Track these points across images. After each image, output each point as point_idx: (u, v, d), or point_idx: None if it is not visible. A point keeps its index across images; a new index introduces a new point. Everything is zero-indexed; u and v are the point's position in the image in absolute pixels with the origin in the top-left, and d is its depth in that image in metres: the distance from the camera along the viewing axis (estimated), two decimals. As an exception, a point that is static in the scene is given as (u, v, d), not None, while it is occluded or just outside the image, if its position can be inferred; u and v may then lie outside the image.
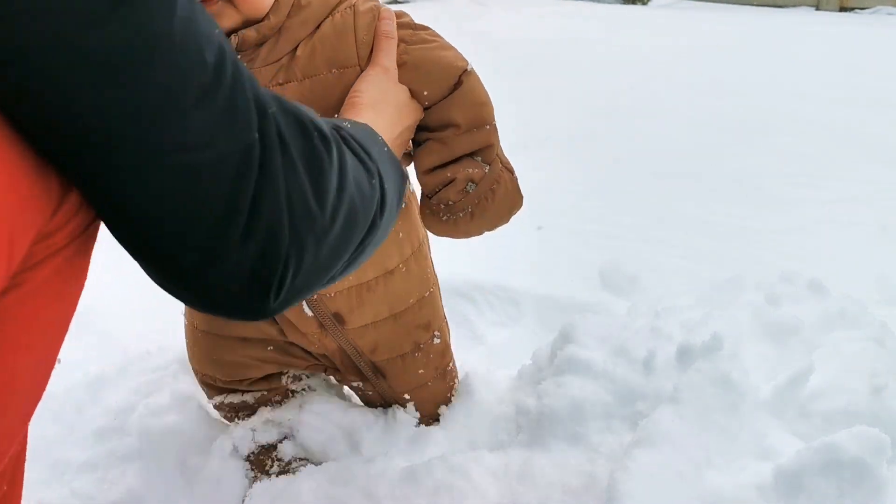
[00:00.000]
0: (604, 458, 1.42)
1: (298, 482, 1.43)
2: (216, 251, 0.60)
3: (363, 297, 1.38)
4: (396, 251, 1.38)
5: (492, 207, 1.25)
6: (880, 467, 1.27)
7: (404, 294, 1.43)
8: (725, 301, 1.82)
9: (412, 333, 1.48)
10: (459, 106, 1.19)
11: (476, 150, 1.22)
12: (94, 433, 1.59)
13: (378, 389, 1.54)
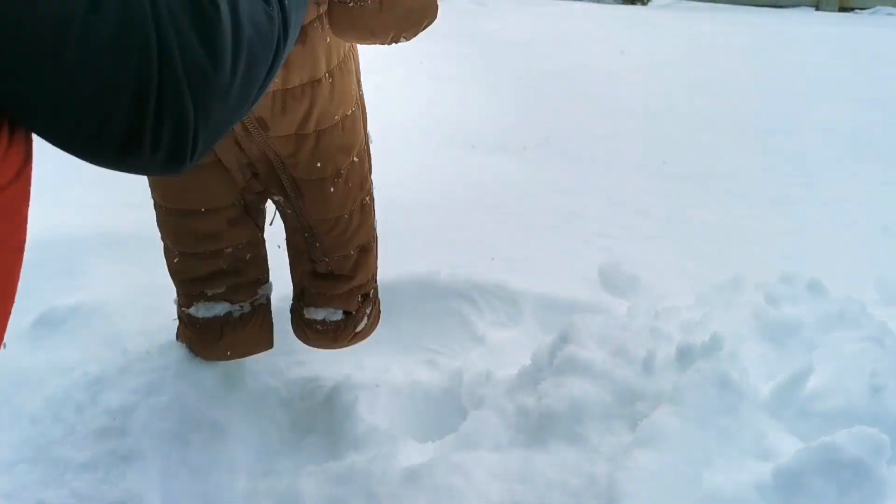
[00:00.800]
0: (604, 458, 1.42)
1: (300, 482, 1.43)
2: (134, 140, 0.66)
3: (287, 104, 1.36)
4: (324, 60, 1.36)
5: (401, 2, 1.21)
6: (879, 467, 1.28)
7: (328, 108, 1.41)
8: (725, 301, 1.82)
9: (334, 157, 1.46)
10: None
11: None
12: (95, 433, 1.59)
13: (297, 210, 1.51)
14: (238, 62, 0.74)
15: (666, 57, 5.51)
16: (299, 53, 1.30)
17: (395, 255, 2.40)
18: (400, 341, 2.07)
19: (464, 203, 2.90)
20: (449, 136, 3.76)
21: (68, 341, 1.83)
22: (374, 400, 1.78)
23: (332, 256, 1.55)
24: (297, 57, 1.30)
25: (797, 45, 5.88)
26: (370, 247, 1.63)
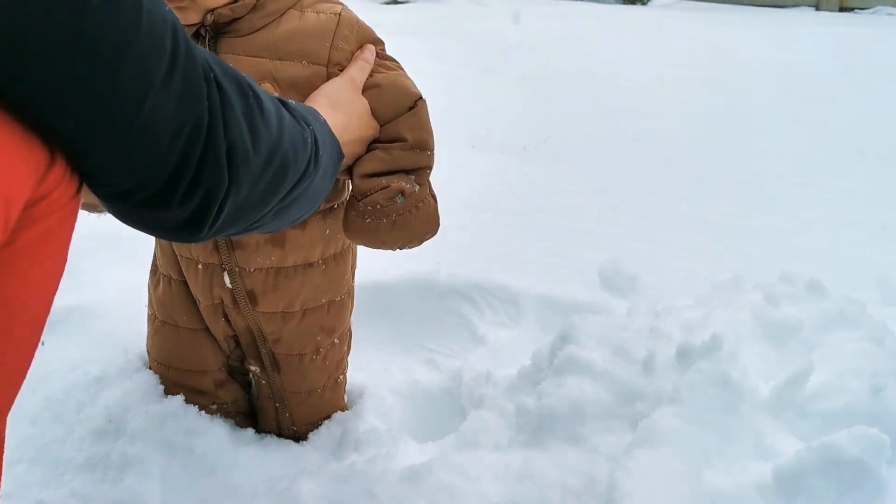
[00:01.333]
0: (604, 458, 1.42)
1: (300, 482, 1.43)
2: (167, 198, 0.73)
3: (279, 282, 1.46)
4: (320, 247, 1.47)
5: (413, 222, 1.34)
6: (880, 467, 1.28)
7: (318, 292, 1.51)
8: (725, 301, 1.82)
9: (315, 335, 1.54)
10: (410, 126, 1.32)
11: (413, 168, 1.33)
12: (94, 433, 1.59)
13: (271, 382, 1.58)
14: (273, 156, 0.84)
15: (666, 57, 5.51)
16: (297, 236, 1.42)
17: (395, 256, 2.40)
18: (400, 341, 2.07)
19: (464, 203, 2.90)
20: (449, 136, 3.76)
21: (68, 341, 1.83)
22: (374, 400, 1.78)
23: (301, 426, 1.63)
24: (295, 239, 1.42)
25: (797, 45, 5.88)
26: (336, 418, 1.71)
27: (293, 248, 1.43)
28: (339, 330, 1.59)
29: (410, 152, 1.32)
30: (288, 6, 1.31)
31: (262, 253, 1.42)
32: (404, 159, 1.32)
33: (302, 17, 1.31)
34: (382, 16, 6.98)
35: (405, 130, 1.31)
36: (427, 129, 1.35)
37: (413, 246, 1.40)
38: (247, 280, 1.44)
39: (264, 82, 1.27)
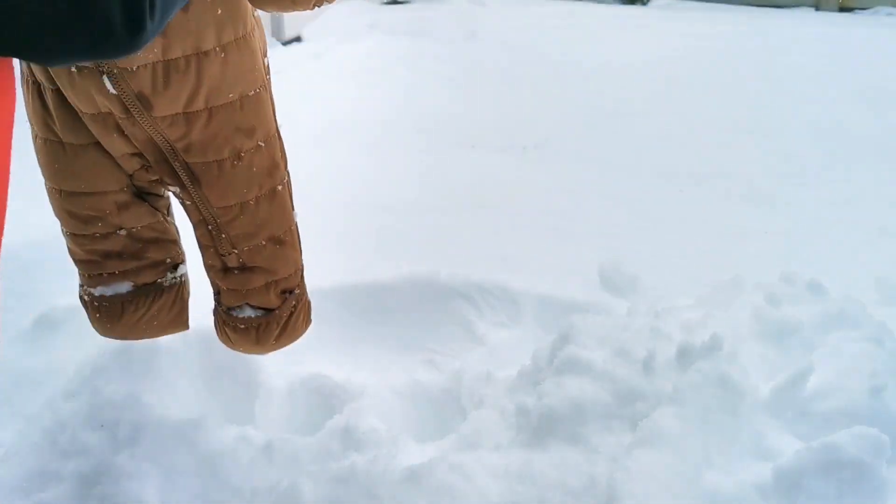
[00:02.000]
0: (604, 459, 1.42)
1: (300, 482, 1.43)
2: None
3: (170, 77, 1.24)
4: (213, 32, 1.25)
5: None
6: (879, 467, 1.28)
7: (222, 85, 1.29)
8: (725, 301, 1.82)
9: (231, 137, 1.33)
10: None
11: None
12: (94, 433, 1.59)
13: (195, 200, 1.39)
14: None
15: (666, 57, 5.51)
16: (181, 21, 1.20)
17: (395, 255, 2.40)
18: (400, 341, 2.08)
19: (464, 203, 2.90)
20: (449, 136, 3.76)
21: (68, 341, 1.83)
22: (374, 400, 1.78)
23: (241, 248, 1.43)
24: (179, 25, 1.20)
25: (797, 45, 5.88)
26: (287, 239, 1.48)
27: (179, 36, 1.21)
28: (259, 130, 1.37)
29: None
30: None
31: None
32: None
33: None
34: (382, 16, 6.98)
35: None
36: None
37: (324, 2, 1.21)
38: (132, 81, 1.21)
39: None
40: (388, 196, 2.95)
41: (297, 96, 4.68)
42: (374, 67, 4.97)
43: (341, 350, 2.03)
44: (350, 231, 2.61)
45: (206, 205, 1.38)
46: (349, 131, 3.76)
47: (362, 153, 3.47)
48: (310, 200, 2.93)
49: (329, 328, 2.10)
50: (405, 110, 4.17)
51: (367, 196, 2.94)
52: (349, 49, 5.63)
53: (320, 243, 2.50)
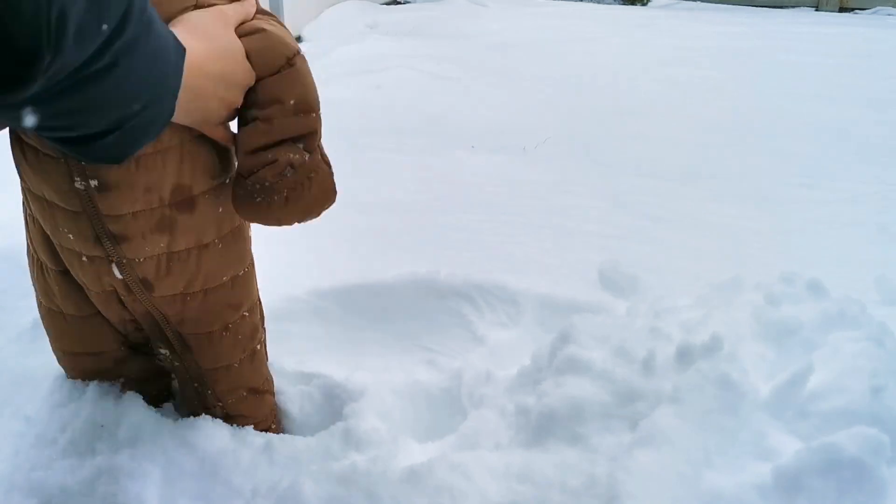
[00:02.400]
0: (604, 458, 1.42)
1: (300, 482, 1.43)
2: None
3: (172, 266, 1.34)
4: (214, 226, 1.35)
5: (307, 195, 1.25)
6: (879, 468, 1.28)
7: (218, 271, 1.40)
8: (725, 301, 1.82)
9: (221, 314, 1.45)
10: (289, 84, 1.21)
11: (299, 135, 1.23)
12: (94, 433, 1.58)
13: (184, 363, 1.50)
14: None
15: (666, 57, 5.51)
16: (187, 220, 1.31)
17: (395, 255, 2.40)
18: (400, 341, 2.08)
19: (464, 203, 2.90)
20: (449, 136, 3.76)
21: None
22: (375, 400, 1.78)
23: (226, 400, 1.57)
24: (185, 223, 1.31)
25: (797, 45, 5.88)
26: (263, 391, 1.65)
27: (183, 231, 1.31)
28: (246, 303, 1.49)
29: (294, 117, 1.22)
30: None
31: (150, 242, 1.30)
32: (288, 126, 1.22)
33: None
34: (382, 16, 6.98)
35: (284, 90, 1.21)
36: (309, 88, 1.24)
37: (311, 219, 1.31)
38: (137, 269, 1.33)
39: None
40: (388, 196, 2.95)
41: (297, 96, 4.68)
42: (374, 67, 4.97)
43: (341, 350, 2.03)
44: (350, 231, 2.61)
45: (196, 367, 1.51)
46: (349, 131, 3.76)
47: (362, 153, 3.47)
48: (310, 200, 2.94)
49: (329, 328, 2.10)
50: (405, 110, 4.17)
51: (367, 196, 2.94)
52: (349, 49, 5.63)
53: (320, 243, 2.50)
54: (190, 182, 1.27)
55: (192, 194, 1.29)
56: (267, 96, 1.21)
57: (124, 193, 1.23)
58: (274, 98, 1.21)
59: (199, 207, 1.31)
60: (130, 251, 1.30)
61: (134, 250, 1.30)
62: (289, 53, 1.21)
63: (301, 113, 1.22)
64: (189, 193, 1.28)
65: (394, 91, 4.54)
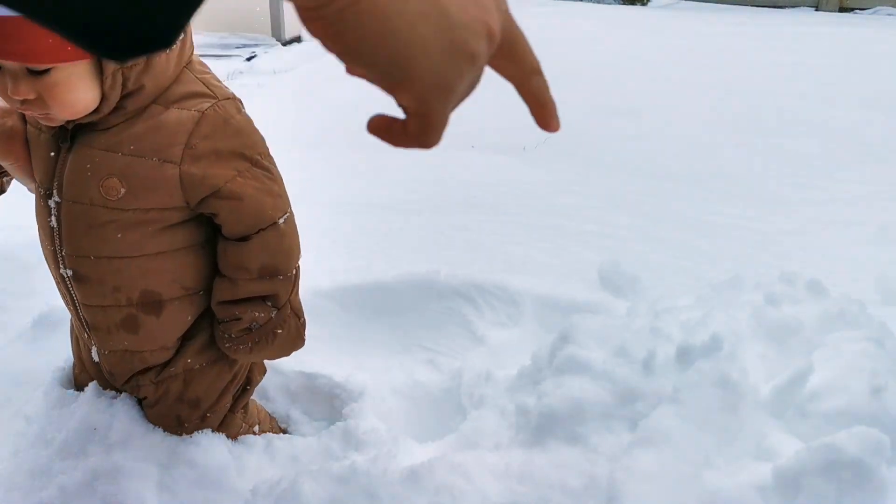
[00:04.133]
0: (604, 458, 1.42)
1: (300, 482, 1.43)
2: None
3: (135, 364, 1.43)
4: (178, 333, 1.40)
5: (270, 348, 1.33)
6: (880, 468, 1.28)
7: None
8: (725, 301, 1.82)
9: (174, 407, 1.49)
10: (257, 253, 1.28)
11: (266, 295, 1.30)
12: (94, 433, 1.58)
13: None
14: None
15: (666, 57, 5.51)
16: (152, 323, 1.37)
17: (395, 255, 2.40)
18: (400, 341, 2.07)
19: (464, 203, 2.90)
20: (449, 136, 3.75)
21: (68, 341, 1.83)
22: (375, 400, 1.78)
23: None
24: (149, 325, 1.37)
25: (797, 45, 5.87)
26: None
27: (147, 334, 1.37)
28: (205, 404, 1.49)
29: (258, 281, 1.29)
30: (149, 102, 1.21)
31: (115, 337, 1.38)
32: (252, 288, 1.29)
33: (165, 113, 1.22)
34: (382, 16, 6.98)
35: (250, 258, 1.28)
36: (280, 254, 1.30)
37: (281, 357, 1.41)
38: (103, 360, 1.44)
39: (111, 177, 1.22)
40: (388, 196, 2.95)
41: (297, 96, 4.68)
42: (374, 67, 4.96)
43: (341, 350, 2.03)
44: (350, 231, 2.61)
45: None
46: (349, 131, 3.76)
47: (362, 153, 3.47)
48: (310, 200, 2.94)
49: (329, 328, 2.10)
50: (405, 110, 4.16)
51: (367, 196, 2.94)
52: (349, 49, 5.62)
53: (320, 243, 2.50)
54: (160, 289, 1.34)
55: (160, 298, 1.35)
56: (232, 261, 1.29)
57: (94, 287, 1.32)
58: (238, 264, 1.28)
59: (166, 312, 1.36)
60: (99, 341, 1.41)
61: (101, 341, 1.41)
62: (262, 224, 1.27)
63: (267, 277, 1.29)
64: (158, 298, 1.35)
65: (394, 91, 4.53)
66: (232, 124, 1.26)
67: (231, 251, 1.29)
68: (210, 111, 1.24)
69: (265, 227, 1.27)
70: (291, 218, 1.33)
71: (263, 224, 1.27)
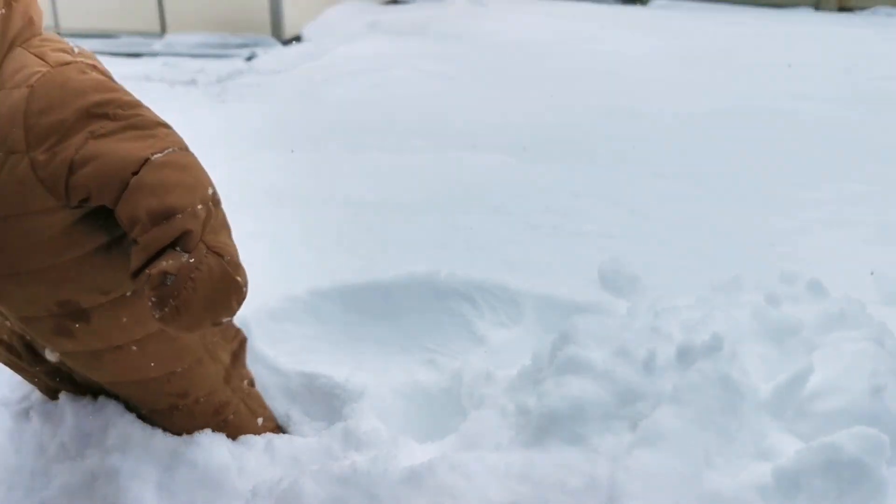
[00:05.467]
0: (604, 458, 1.42)
1: (300, 482, 1.43)
2: None
3: (91, 363, 1.39)
4: (121, 333, 1.35)
5: (196, 298, 1.14)
6: (879, 467, 1.28)
7: (144, 368, 1.41)
8: (725, 301, 1.82)
9: (166, 397, 1.46)
10: (140, 199, 1.13)
11: (171, 241, 1.14)
12: (93, 432, 1.59)
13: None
14: None
15: (665, 57, 5.51)
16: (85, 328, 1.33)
17: (395, 255, 2.40)
18: (400, 341, 2.07)
19: (464, 203, 2.90)
20: (449, 136, 3.76)
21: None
22: (375, 400, 1.78)
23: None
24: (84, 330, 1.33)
25: (797, 45, 5.87)
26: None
27: (86, 336, 1.32)
28: (194, 393, 1.48)
29: (157, 229, 1.13)
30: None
31: (55, 343, 1.35)
32: (154, 239, 1.13)
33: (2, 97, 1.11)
34: (382, 16, 6.97)
35: (136, 207, 1.13)
36: (165, 190, 1.14)
37: (224, 317, 1.21)
38: (63, 359, 1.41)
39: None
40: (388, 196, 2.95)
41: (297, 96, 4.68)
42: (374, 67, 4.97)
43: (341, 350, 2.03)
44: (350, 231, 2.61)
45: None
46: (349, 131, 3.76)
47: (362, 153, 3.47)
48: (310, 200, 2.94)
49: (329, 328, 2.10)
50: (405, 110, 4.17)
51: (366, 196, 2.94)
52: (349, 49, 5.62)
53: (320, 243, 2.50)
54: (76, 298, 1.28)
55: (81, 307, 1.29)
56: (125, 221, 1.15)
57: (6, 302, 1.28)
58: (130, 220, 1.14)
59: (95, 318, 1.31)
60: (42, 347, 1.38)
61: (44, 346, 1.37)
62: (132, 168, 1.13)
63: (162, 220, 1.13)
64: (78, 307, 1.29)
65: (394, 91, 4.54)
66: (71, 87, 1.13)
67: (120, 212, 1.15)
68: (40, 81, 1.12)
69: (136, 169, 1.13)
70: (177, 154, 1.18)
71: (133, 167, 1.13)
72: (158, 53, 6.20)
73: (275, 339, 1.97)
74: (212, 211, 1.20)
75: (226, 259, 1.18)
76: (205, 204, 1.18)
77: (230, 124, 3.91)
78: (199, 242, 1.16)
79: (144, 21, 6.59)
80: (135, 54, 6.11)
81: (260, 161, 3.29)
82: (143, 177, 1.13)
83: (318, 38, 6.26)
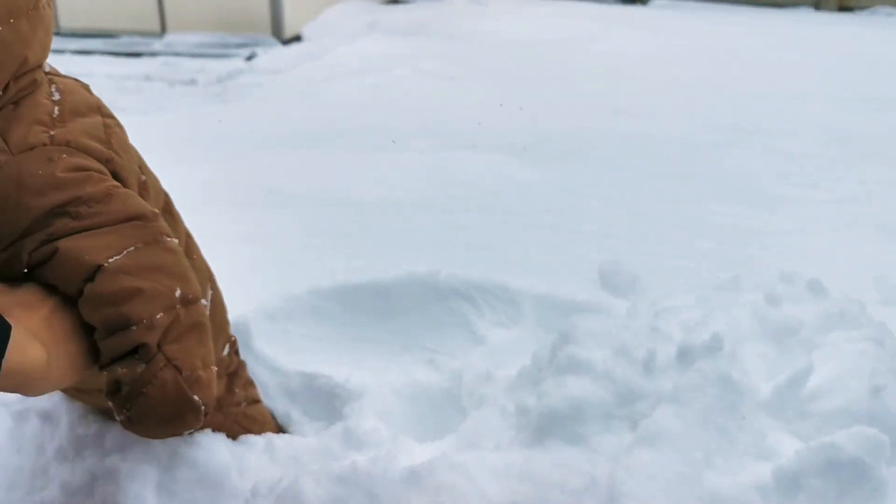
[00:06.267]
0: (604, 458, 1.42)
1: (300, 482, 1.43)
2: None
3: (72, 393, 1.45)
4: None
5: (148, 410, 1.09)
6: (879, 467, 1.28)
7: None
8: (725, 301, 1.82)
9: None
10: (93, 308, 1.06)
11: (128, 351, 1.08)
12: (93, 432, 1.59)
13: None
14: None
15: (666, 57, 5.51)
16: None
17: (395, 255, 2.40)
18: (400, 341, 2.08)
19: (464, 203, 2.90)
20: (449, 136, 3.76)
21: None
22: (375, 400, 1.78)
23: None
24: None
25: (797, 45, 5.88)
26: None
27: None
28: None
29: (112, 338, 1.07)
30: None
31: None
32: (110, 348, 1.08)
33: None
34: (382, 16, 6.98)
35: (91, 315, 1.07)
36: (121, 300, 1.06)
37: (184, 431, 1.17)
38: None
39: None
40: (387, 196, 2.95)
41: (298, 96, 4.68)
42: (374, 67, 4.97)
43: (341, 350, 2.03)
44: (350, 231, 2.61)
45: None
46: (349, 131, 3.77)
47: (362, 153, 3.47)
48: (310, 200, 2.94)
49: (329, 328, 2.10)
50: (405, 110, 4.17)
51: (366, 196, 2.94)
52: (349, 49, 5.63)
53: (320, 243, 2.50)
54: None
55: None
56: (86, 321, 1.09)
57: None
58: (90, 323, 1.08)
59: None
60: None
61: None
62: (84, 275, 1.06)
63: (118, 332, 1.07)
64: None
65: (394, 91, 4.54)
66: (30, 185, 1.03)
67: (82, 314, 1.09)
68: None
69: (90, 276, 1.06)
70: (141, 253, 1.11)
71: (86, 274, 1.06)
72: (158, 53, 6.20)
73: (274, 339, 1.97)
74: (179, 316, 1.13)
75: (184, 374, 1.12)
76: (168, 310, 1.11)
77: (230, 124, 3.92)
78: (158, 354, 1.09)
79: (144, 21, 6.60)
80: (135, 54, 6.12)
81: (260, 161, 3.30)
82: (96, 285, 1.06)
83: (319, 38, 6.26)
